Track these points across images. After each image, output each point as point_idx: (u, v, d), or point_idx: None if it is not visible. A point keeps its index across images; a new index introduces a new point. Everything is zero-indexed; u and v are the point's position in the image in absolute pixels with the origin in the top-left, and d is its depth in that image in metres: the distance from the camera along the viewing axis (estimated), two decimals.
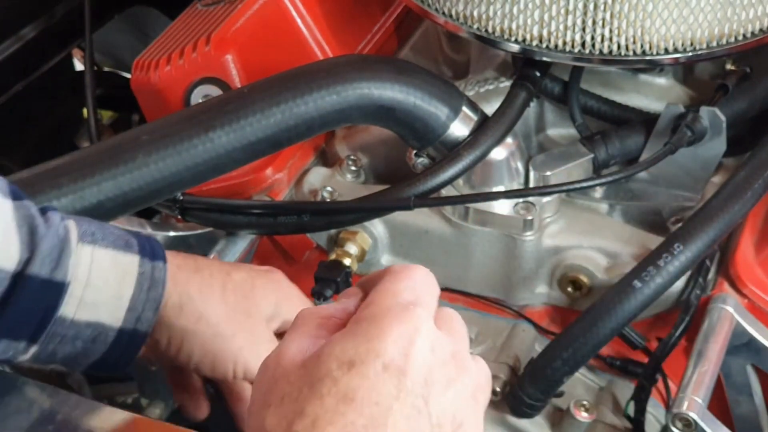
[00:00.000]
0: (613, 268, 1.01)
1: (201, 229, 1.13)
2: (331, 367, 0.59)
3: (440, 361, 0.61)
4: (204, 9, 1.15)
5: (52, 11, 1.42)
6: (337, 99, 0.95)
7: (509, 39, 0.99)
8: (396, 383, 0.58)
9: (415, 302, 0.63)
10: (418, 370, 0.60)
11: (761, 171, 0.97)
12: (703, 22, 0.95)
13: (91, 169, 0.91)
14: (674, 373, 0.97)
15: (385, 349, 0.59)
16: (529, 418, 0.97)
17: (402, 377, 0.59)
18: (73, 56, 1.67)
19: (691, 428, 0.90)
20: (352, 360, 0.59)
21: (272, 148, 0.96)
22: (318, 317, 0.64)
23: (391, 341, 0.60)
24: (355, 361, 0.59)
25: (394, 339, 0.60)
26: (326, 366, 0.59)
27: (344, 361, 0.59)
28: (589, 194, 1.07)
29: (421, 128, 0.99)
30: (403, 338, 0.60)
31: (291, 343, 0.62)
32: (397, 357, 0.59)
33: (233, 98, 0.96)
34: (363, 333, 0.60)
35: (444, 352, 0.62)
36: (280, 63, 1.01)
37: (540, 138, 1.11)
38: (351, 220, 1.05)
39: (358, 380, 0.58)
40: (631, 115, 1.06)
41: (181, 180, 0.93)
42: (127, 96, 1.17)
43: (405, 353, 0.59)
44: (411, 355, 0.60)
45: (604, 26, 0.95)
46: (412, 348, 0.60)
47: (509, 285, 1.05)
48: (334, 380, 0.58)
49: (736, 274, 1.00)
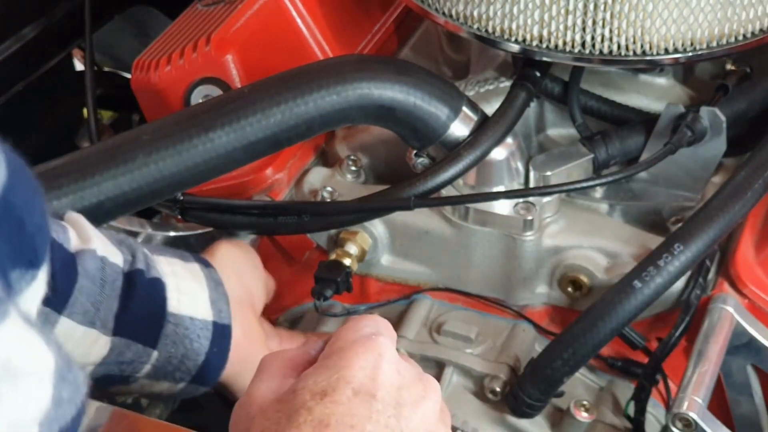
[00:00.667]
0: (613, 268, 1.01)
1: (201, 229, 1.13)
2: (306, 398, 0.63)
3: (408, 382, 0.66)
4: (204, 9, 1.15)
5: (52, 11, 1.42)
6: (337, 99, 0.95)
7: (509, 39, 0.99)
8: (368, 406, 0.63)
9: (377, 333, 0.68)
10: (387, 391, 0.64)
11: (761, 171, 0.98)
12: (703, 22, 0.95)
13: (91, 169, 0.91)
14: (674, 373, 0.97)
15: (353, 375, 0.64)
16: (529, 418, 0.97)
17: (372, 400, 0.63)
18: (73, 56, 1.67)
19: (691, 428, 0.90)
20: (324, 390, 0.63)
21: (272, 148, 0.96)
22: (281, 360, 0.69)
23: (359, 368, 0.64)
24: (327, 390, 0.63)
25: (362, 366, 0.65)
26: (301, 398, 0.63)
27: (317, 392, 0.63)
28: (589, 194, 1.07)
29: (422, 128, 0.99)
30: (369, 364, 0.65)
31: (260, 384, 0.67)
32: (365, 382, 0.64)
33: (233, 98, 0.96)
34: (332, 365, 0.65)
35: (410, 374, 0.67)
36: (280, 63, 1.01)
37: (540, 138, 1.11)
38: (351, 220, 1.05)
39: (332, 407, 0.62)
40: (631, 115, 1.06)
41: (181, 180, 0.93)
42: (127, 96, 1.17)
43: (372, 377, 0.64)
44: (378, 379, 0.64)
45: (604, 26, 0.95)
46: (379, 372, 0.65)
47: (509, 285, 1.05)
48: (309, 410, 0.62)
49: (736, 274, 1.00)
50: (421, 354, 1.02)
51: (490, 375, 0.99)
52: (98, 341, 0.85)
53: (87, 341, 0.85)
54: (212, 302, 0.91)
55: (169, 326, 0.88)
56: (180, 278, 0.90)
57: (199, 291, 0.91)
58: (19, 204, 0.53)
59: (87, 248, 0.85)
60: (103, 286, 0.85)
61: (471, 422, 0.97)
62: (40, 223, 0.55)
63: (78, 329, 0.84)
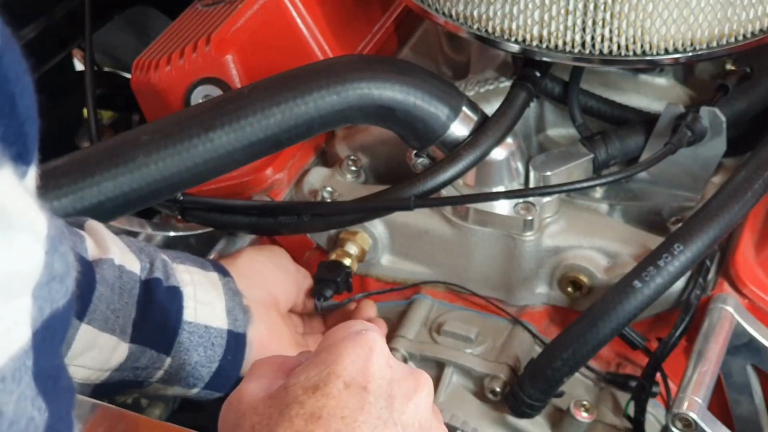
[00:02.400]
0: (613, 268, 1.01)
1: (201, 229, 1.13)
2: (298, 393, 0.63)
3: (399, 376, 0.66)
4: (204, 9, 1.15)
5: (52, 11, 1.42)
6: (337, 99, 0.95)
7: (509, 39, 0.99)
8: (359, 398, 0.63)
9: (366, 329, 0.68)
10: (378, 384, 0.65)
11: (761, 171, 0.98)
12: (703, 22, 0.95)
13: (91, 169, 0.91)
14: (674, 373, 0.97)
15: (344, 369, 0.65)
16: (529, 418, 0.97)
17: (363, 392, 0.64)
18: (73, 56, 1.67)
19: (691, 428, 0.90)
20: (316, 384, 0.64)
21: (272, 148, 0.96)
22: (272, 363, 0.70)
23: (349, 362, 0.65)
24: (319, 384, 0.64)
25: (352, 360, 0.65)
26: (293, 393, 0.64)
27: (308, 387, 0.64)
28: (589, 194, 1.07)
29: (422, 128, 0.99)
30: (359, 358, 0.65)
31: (250, 383, 0.67)
32: (356, 375, 0.64)
33: (233, 98, 0.96)
34: (323, 360, 0.65)
35: (401, 367, 0.68)
36: (280, 63, 1.01)
37: (540, 138, 1.11)
38: (351, 221, 1.05)
39: (324, 400, 0.63)
40: (631, 115, 1.06)
41: (182, 180, 0.94)
42: (127, 96, 1.17)
43: (363, 370, 0.65)
44: (369, 372, 0.65)
45: (604, 26, 0.95)
46: (370, 365, 0.65)
47: (509, 285, 1.05)
48: (300, 403, 0.63)
49: (736, 274, 1.00)
50: (421, 354, 1.02)
51: (490, 375, 0.99)
52: (118, 348, 0.86)
53: (108, 347, 0.86)
54: (228, 311, 0.92)
55: (183, 334, 0.89)
56: (198, 287, 0.91)
57: (216, 300, 0.92)
58: (12, 78, 0.47)
59: (105, 257, 0.86)
60: (122, 294, 0.86)
61: (471, 422, 0.98)
62: (30, 111, 0.49)
63: (100, 336, 0.85)
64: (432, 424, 0.67)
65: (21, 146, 0.48)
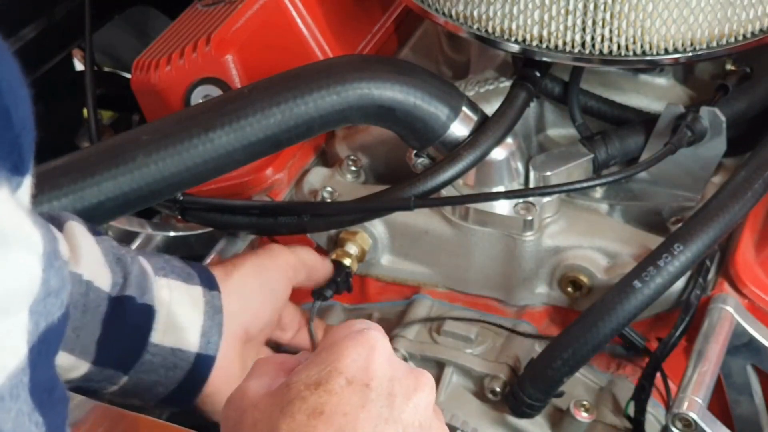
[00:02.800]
0: (613, 268, 1.01)
1: (201, 229, 1.13)
2: (300, 389, 0.64)
3: (400, 374, 0.67)
4: (204, 9, 1.15)
5: (52, 11, 1.41)
6: (337, 99, 0.95)
7: (509, 39, 0.99)
8: (361, 395, 0.64)
9: (368, 328, 0.68)
10: (379, 381, 0.65)
11: (761, 171, 0.98)
12: (703, 22, 0.95)
13: (91, 169, 0.91)
14: (674, 373, 0.97)
15: (346, 366, 0.65)
16: (529, 418, 0.97)
17: (365, 389, 0.64)
18: (73, 56, 1.67)
19: (691, 428, 0.90)
20: (318, 380, 0.64)
21: (272, 148, 0.96)
22: (273, 363, 0.70)
23: (351, 360, 0.65)
24: (321, 380, 0.64)
25: (354, 358, 0.65)
26: (295, 389, 0.64)
27: (311, 383, 0.64)
28: (589, 194, 1.07)
29: (421, 128, 0.99)
30: (361, 356, 0.66)
31: (251, 381, 0.68)
32: (358, 372, 0.65)
33: (233, 98, 0.96)
34: (324, 358, 0.66)
35: (403, 366, 0.68)
36: (280, 63, 1.01)
37: (540, 138, 1.11)
38: (351, 221, 1.05)
39: (326, 396, 0.63)
40: (631, 115, 1.06)
41: (182, 180, 0.93)
42: (127, 96, 1.17)
43: (365, 368, 0.65)
44: (371, 369, 0.65)
45: (604, 26, 0.95)
46: (371, 363, 0.66)
47: (509, 285, 1.05)
48: (303, 399, 0.63)
49: (736, 274, 1.00)
50: (421, 354, 1.02)
51: (490, 375, 0.99)
52: (78, 367, 0.84)
53: (64, 366, 0.83)
54: (203, 333, 0.89)
55: (146, 355, 0.86)
56: (176, 305, 0.88)
57: (193, 320, 0.88)
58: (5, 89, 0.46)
59: (73, 272, 0.82)
60: (85, 312, 0.82)
61: (471, 422, 0.97)
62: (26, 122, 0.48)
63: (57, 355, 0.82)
64: (433, 423, 0.67)
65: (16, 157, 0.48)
